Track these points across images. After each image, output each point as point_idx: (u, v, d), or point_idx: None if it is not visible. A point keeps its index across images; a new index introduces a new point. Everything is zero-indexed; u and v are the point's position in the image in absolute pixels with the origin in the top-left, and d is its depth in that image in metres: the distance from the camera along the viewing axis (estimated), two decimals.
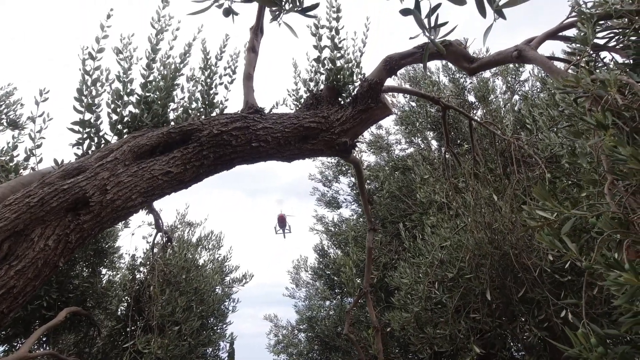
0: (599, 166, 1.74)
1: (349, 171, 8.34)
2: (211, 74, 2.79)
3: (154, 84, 2.50)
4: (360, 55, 2.90)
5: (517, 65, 6.35)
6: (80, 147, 2.28)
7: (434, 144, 7.08)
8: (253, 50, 2.72)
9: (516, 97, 6.42)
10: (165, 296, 4.43)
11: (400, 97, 7.37)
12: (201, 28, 2.82)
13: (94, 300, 4.71)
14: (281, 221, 13.25)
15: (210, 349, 5.91)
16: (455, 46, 2.53)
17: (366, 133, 7.69)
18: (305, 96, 2.88)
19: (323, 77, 2.82)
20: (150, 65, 2.50)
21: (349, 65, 2.81)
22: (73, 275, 4.54)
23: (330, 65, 2.75)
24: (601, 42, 2.05)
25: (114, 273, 5.30)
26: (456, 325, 3.38)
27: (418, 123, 6.99)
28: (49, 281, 4.06)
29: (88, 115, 2.30)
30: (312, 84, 2.93)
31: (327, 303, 8.13)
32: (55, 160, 2.16)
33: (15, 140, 3.04)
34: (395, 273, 4.37)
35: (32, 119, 2.35)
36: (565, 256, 1.54)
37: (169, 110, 2.54)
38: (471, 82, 6.46)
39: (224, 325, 6.18)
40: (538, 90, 6.06)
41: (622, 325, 1.27)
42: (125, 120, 2.37)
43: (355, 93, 2.64)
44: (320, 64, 2.83)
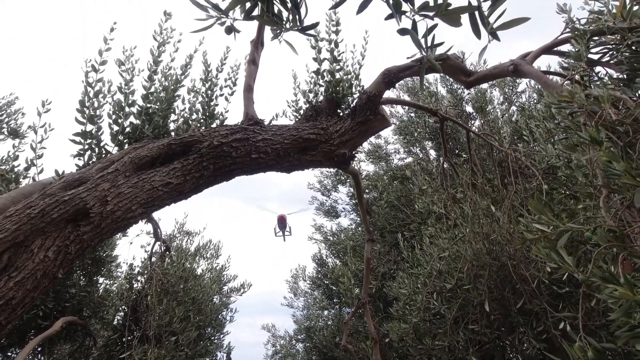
0: (595, 179, 1.76)
1: (348, 181, 8.36)
2: (212, 86, 2.82)
3: (155, 95, 2.52)
4: (359, 67, 2.94)
5: None
6: (82, 158, 2.29)
7: (433, 153, 7.13)
8: (253, 62, 2.76)
9: (513, 108, 6.49)
10: (163, 306, 4.40)
11: (399, 107, 7.45)
12: (202, 40, 2.86)
13: (91, 309, 4.66)
14: (281, 222, 12.30)
15: None
16: (453, 60, 2.58)
17: (365, 142, 7.73)
18: (304, 107, 2.91)
19: (322, 89, 2.85)
20: (151, 76, 2.54)
21: (348, 78, 2.85)
22: (70, 284, 4.51)
23: (330, 78, 2.79)
24: (595, 57, 2.09)
25: (111, 282, 5.26)
26: (455, 336, 3.37)
27: (416, 133, 7.04)
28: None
29: (90, 127, 2.32)
30: (312, 96, 2.95)
31: (325, 313, 8.10)
32: (56, 171, 2.17)
33: (15, 150, 3.06)
34: (394, 283, 4.37)
35: (34, 129, 2.36)
36: (562, 269, 1.56)
37: (169, 122, 2.56)
38: (469, 93, 6.53)
39: (222, 335, 6.14)
40: (535, 101, 6.13)
41: (619, 339, 1.28)
42: (126, 131, 2.39)
43: (354, 105, 2.67)
44: (319, 76, 2.87)
